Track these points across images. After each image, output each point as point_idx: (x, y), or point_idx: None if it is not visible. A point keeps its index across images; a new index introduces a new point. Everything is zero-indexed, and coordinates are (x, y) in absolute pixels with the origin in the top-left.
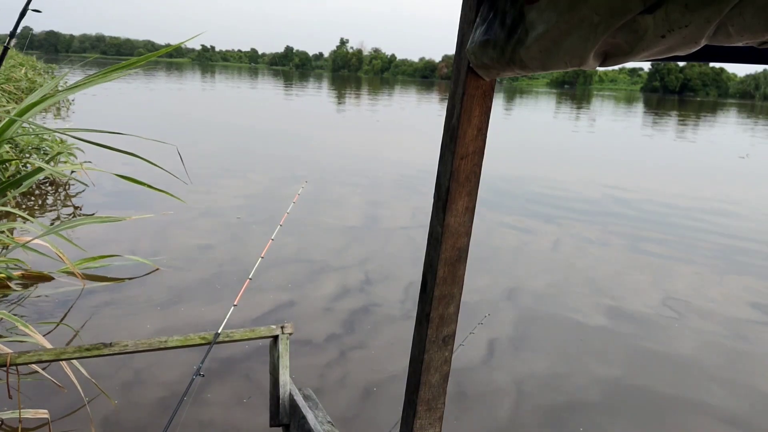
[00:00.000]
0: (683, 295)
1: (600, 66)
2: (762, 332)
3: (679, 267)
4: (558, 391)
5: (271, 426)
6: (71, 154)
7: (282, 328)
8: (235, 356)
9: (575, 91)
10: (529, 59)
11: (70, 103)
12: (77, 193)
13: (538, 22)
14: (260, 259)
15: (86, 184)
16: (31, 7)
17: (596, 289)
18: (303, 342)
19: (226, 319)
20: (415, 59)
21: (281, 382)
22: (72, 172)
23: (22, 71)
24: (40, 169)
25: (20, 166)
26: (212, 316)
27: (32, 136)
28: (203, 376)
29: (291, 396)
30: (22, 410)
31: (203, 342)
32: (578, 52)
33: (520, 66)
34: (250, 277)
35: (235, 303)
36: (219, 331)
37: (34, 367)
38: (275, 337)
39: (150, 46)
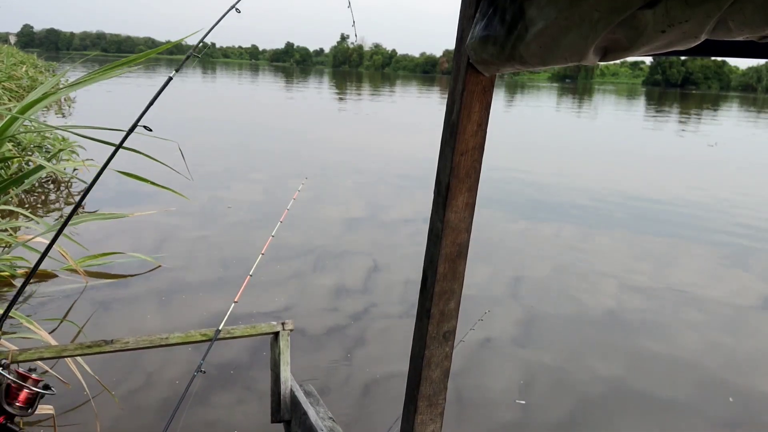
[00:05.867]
0: (687, 287)
1: (600, 61)
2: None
3: (681, 258)
4: (561, 390)
5: (272, 422)
6: (73, 151)
7: (283, 324)
8: (236, 353)
9: (576, 85)
10: (528, 55)
11: (72, 101)
12: (79, 191)
13: (537, 18)
14: (261, 255)
15: (87, 183)
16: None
17: (597, 285)
18: (304, 338)
19: (227, 316)
20: (416, 54)
21: (282, 379)
22: (74, 169)
23: (23, 69)
24: (41, 167)
25: (23, 164)
26: (213, 313)
27: (34, 134)
28: (204, 372)
29: (292, 392)
30: None
31: (204, 339)
32: (578, 48)
33: (520, 62)
34: (250, 273)
35: (235, 300)
36: (220, 328)
37: (39, 363)
38: (276, 334)
39: (150, 43)
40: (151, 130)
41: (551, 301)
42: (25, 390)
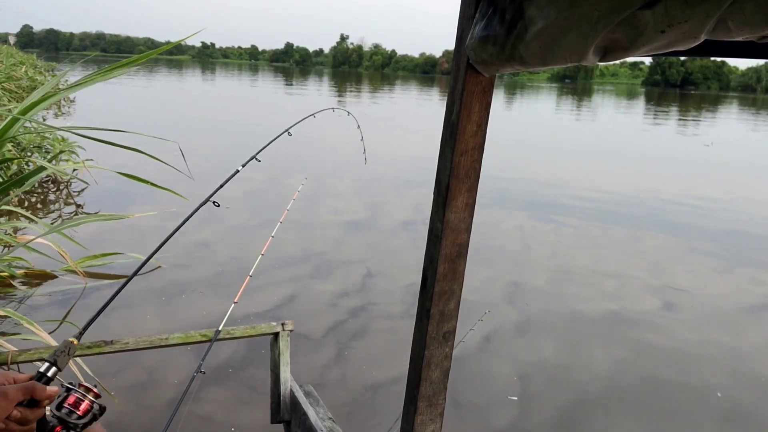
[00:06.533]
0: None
1: (600, 61)
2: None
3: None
4: (559, 386)
5: (272, 423)
6: (73, 152)
7: (282, 325)
8: (236, 353)
9: (576, 85)
10: (528, 55)
11: (71, 102)
12: (79, 191)
13: (537, 17)
14: (260, 256)
15: (87, 183)
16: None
17: (598, 283)
18: (304, 339)
19: (226, 317)
20: (416, 54)
21: (282, 379)
22: (74, 170)
23: (23, 69)
24: (42, 168)
25: (22, 165)
26: (213, 313)
27: (34, 135)
28: (204, 373)
29: (292, 393)
30: None
31: (204, 339)
32: (578, 48)
33: (520, 62)
34: (250, 274)
35: (235, 300)
36: (220, 329)
37: (39, 364)
38: (276, 334)
39: (150, 44)
40: (218, 206)
41: (550, 301)
42: (86, 402)
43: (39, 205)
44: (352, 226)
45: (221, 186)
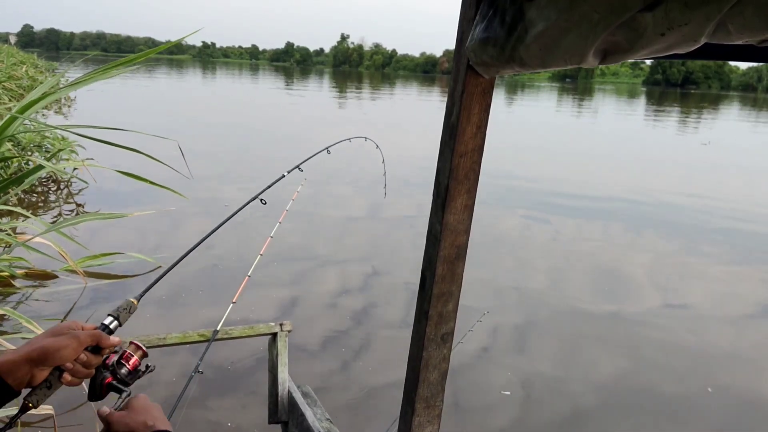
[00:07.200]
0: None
1: (600, 63)
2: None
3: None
4: (559, 392)
5: (269, 423)
6: (73, 151)
7: (281, 325)
8: (234, 354)
9: (576, 85)
10: (528, 57)
11: (71, 101)
12: (79, 190)
13: (537, 19)
14: (259, 256)
15: (87, 182)
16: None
17: (596, 286)
18: (302, 339)
19: (224, 317)
20: (416, 54)
21: (280, 380)
22: (74, 169)
23: (23, 69)
24: (41, 167)
25: (22, 164)
26: (211, 314)
27: (33, 134)
28: (202, 373)
29: (290, 393)
30: None
31: (202, 339)
32: (578, 50)
33: (520, 64)
34: (249, 274)
35: (233, 300)
36: (218, 329)
37: None
38: (274, 335)
39: (150, 43)
40: (265, 203)
41: (549, 301)
42: (135, 358)
43: (39, 205)
44: (351, 227)
45: (269, 186)
